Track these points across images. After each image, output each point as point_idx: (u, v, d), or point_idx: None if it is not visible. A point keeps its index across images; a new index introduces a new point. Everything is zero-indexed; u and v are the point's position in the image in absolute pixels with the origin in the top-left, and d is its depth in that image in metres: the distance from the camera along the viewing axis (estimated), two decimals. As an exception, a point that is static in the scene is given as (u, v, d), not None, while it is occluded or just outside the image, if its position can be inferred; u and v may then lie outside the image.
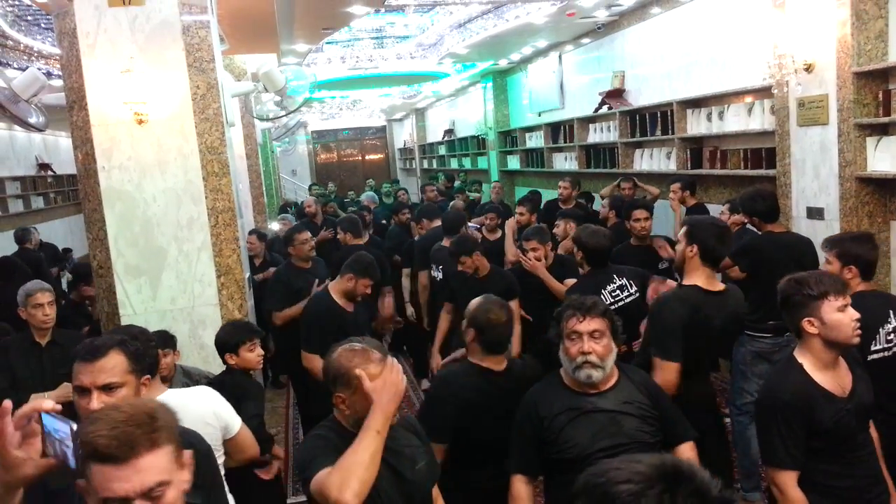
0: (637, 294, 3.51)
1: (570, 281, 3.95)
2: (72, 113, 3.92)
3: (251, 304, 4.17)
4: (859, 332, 2.13)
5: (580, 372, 2.17)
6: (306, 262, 4.55)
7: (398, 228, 6.88)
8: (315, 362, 3.38)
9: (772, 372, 2.57)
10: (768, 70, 4.67)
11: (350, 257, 3.68)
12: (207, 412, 2.43)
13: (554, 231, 5.08)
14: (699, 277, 2.71)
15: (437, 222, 5.75)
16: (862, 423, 2.17)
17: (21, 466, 1.21)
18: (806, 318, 2.13)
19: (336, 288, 3.64)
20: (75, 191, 10.99)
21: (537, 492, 2.42)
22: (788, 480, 2.09)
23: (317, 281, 4.22)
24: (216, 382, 2.95)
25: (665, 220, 6.05)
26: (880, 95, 4.17)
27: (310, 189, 13.55)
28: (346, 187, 16.08)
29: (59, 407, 1.24)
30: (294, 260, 4.55)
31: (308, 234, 4.62)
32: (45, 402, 1.23)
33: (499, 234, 5.73)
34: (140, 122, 3.53)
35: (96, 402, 1.72)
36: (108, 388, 1.76)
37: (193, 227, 3.70)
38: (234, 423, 2.50)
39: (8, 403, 1.21)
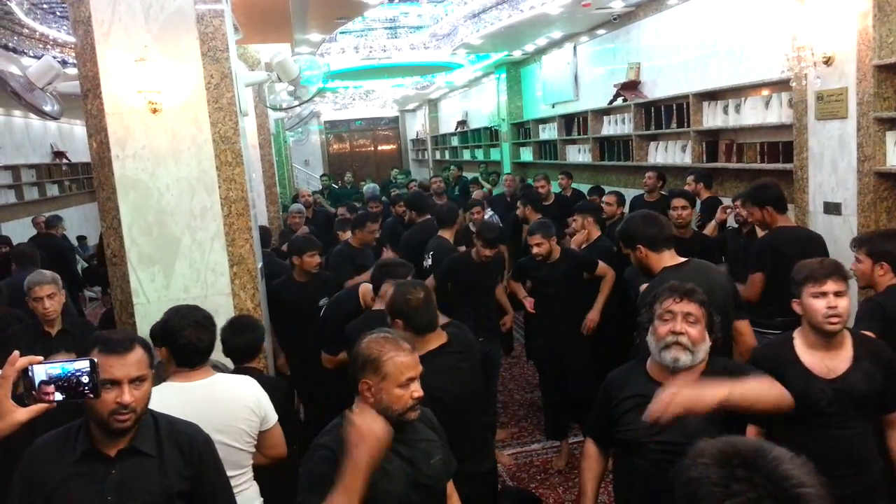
0: None
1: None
2: (86, 101, 3.93)
3: (263, 294, 4.18)
4: (835, 320, 2.27)
5: (667, 353, 2.12)
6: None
7: (393, 220, 6.86)
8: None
9: (768, 341, 2.72)
10: (787, 62, 4.61)
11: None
12: (252, 399, 2.47)
13: (572, 224, 5.09)
14: (664, 261, 2.89)
15: (427, 215, 5.75)
16: (845, 406, 2.26)
17: (12, 413, 1.43)
18: (794, 300, 2.38)
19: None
20: (90, 179, 11.06)
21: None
22: (749, 432, 2.31)
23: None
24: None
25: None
26: (901, 89, 4.10)
27: (321, 179, 13.62)
28: (359, 178, 16.10)
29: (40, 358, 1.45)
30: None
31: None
32: (36, 357, 1.44)
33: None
34: (154, 111, 3.53)
35: (128, 395, 1.76)
36: (137, 381, 1.79)
37: (207, 216, 3.70)
38: (273, 415, 2.53)
39: (16, 354, 1.42)
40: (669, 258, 2.92)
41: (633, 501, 2.22)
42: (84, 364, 1.47)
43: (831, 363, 2.30)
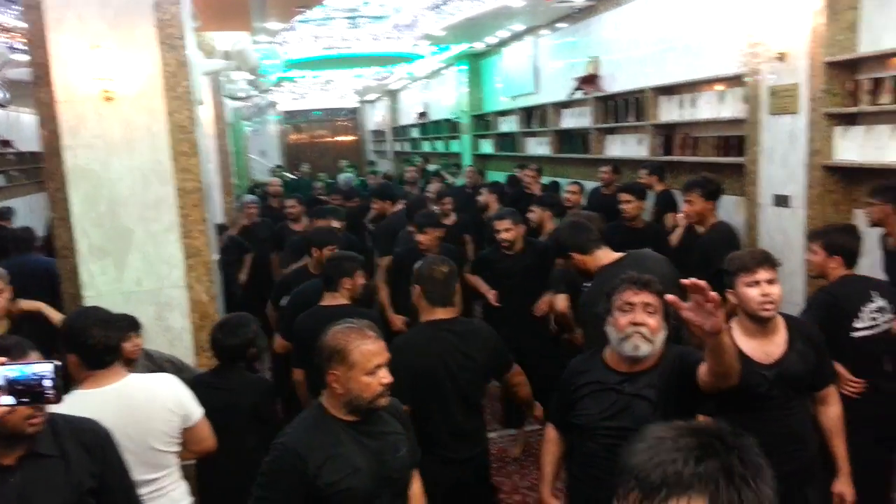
0: None
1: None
2: (37, 89, 3.80)
3: (219, 286, 4.12)
4: (768, 306, 2.37)
5: (626, 343, 2.16)
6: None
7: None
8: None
9: None
10: (741, 58, 4.72)
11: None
12: (171, 399, 2.39)
13: (528, 216, 5.10)
14: (599, 260, 3.01)
15: (399, 205, 5.73)
16: (783, 388, 2.39)
17: None
18: (728, 290, 2.47)
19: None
20: (38, 168, 10.70)
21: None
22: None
23: None
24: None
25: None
26: (850, 85, 4.23)
27: (273, 171, 13.46)
28: (318, 169, 15.94)
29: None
30: None
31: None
32: None
33: (453, 217, 5.75)
34: (108, 99, 3.43)
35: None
36: None
37: (161, 207, 3.62)
38: (195, 412, 2.45)
39: None
40: (604, 256, 3.03)
41: (585, 483, 2.29)
42: (47, 367, 1.43)
43: (768, 348, 2.41)
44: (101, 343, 2.29)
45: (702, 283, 1.72)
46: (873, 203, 3.64)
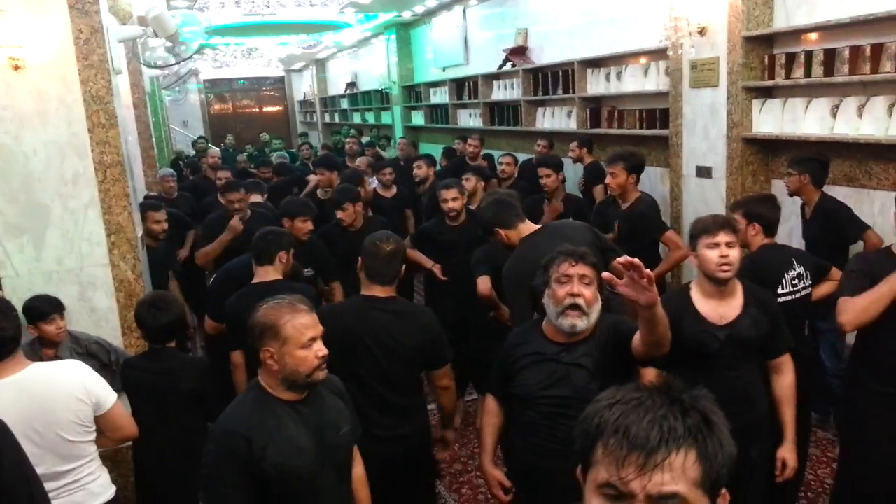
0: None
1: None
2: (-67, 55, 3.53)
3: (145, 264, 3.98)
4: (726, 268, 2.47)
5: (564, 320, 2.21)
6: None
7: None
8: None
9: (667, 292, 2.86)
10: (664, 32, 4.84)
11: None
12: (76, 386, 2.27)
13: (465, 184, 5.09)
14: (521, 232, 3.10)
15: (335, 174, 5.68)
16: (733, 350, 2.50)
17: None
18: (691, 252, 2.61)
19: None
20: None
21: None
22: (646, 374, 2.48)
23: None
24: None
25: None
26: (766, 60, 4.41)
27: (194, 143, 12.96)
28: (244, 140, 15.47)
29: None
30: None
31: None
32: None
33: (394, 190, 5.72)
34: (16, 68, 3.22)
35: None
36: None
37: (79, 182, 3.45)
38: (108, 398, 2.34)
39: None
40: (526, 228, 3.13)
41: (526, 451, 2.34)
42: None
43: (723, 311, 2.52)
44: (7, 335, 2.16)
45: (636, 260, 1.78)
46: (791, 173, 3.83)
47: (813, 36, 4.22)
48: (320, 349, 1.93)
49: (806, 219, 3.97)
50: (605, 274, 1.85)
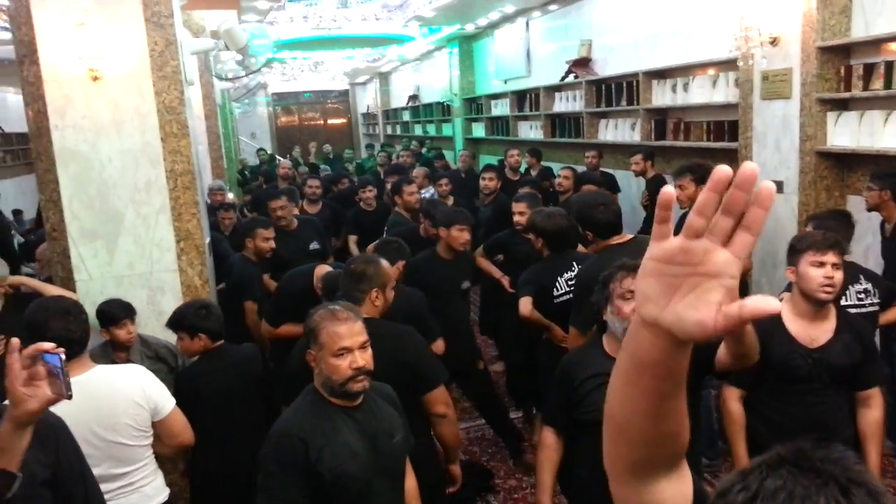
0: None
1: None
2: (22, 68, 3.73)
3: (211, 270, 4.09)
4: (829, 289, 2.33)
5: None
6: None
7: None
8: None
9: None
10: (734, 42, 4.71)
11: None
12: (135, 390, 2.32)
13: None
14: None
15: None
16: (821, 375, 2.38)
17: (27, 402, 1.40)
18: (789, 267, 2.45)
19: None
20: (25, 150, 10.56)
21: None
22: (730, 394, 2.50)
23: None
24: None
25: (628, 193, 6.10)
26: (842, 71, 4.23)
27: (258, 153, 13.38)
28: (308, 152, 15.82)
29: (61, 350, 1.42)
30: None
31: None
32: (46, 343, 1.41)
33: (450, 201, 5.73)
34: (95, 78, 3.38)
35: None
36: None
37: (151, 189, 3.58)
38: (166, 404, 2.38)
39: (16, 340, 1.40)
40: (615, 238, 3.05)
41: (599, 485, 2.19)
42: (54, 357, 1.40)
43: (814, 333, 2.40)
44: (60, 336, 2.18)
45: None
46: (872, 188, 3.69)
47: (894, 46, 4.02)
48: (355, 361, 1.90)
49: (885, 236, 3.79)
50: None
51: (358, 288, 2.58)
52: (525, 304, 3.41)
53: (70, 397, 1.42)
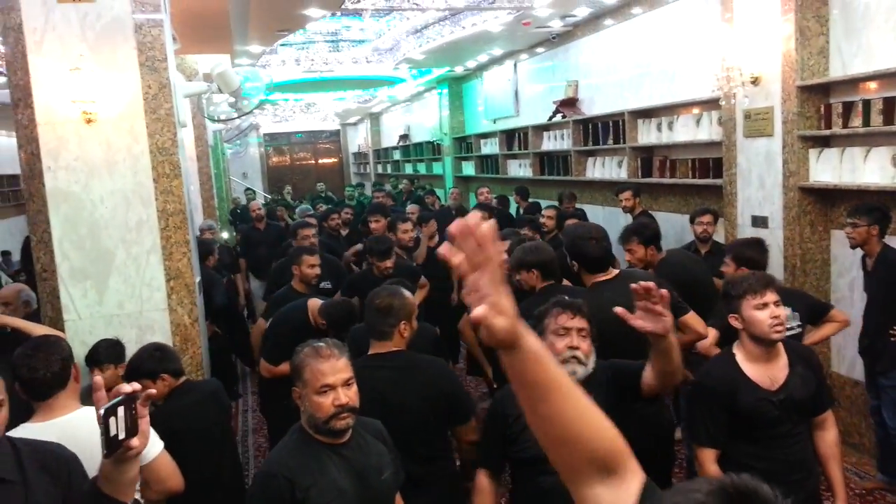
0: None
1: None
2: (16, 111, 3.79)
3: (201, 308, 4.09)
4: (779, 328, 2.32)
5: (565, 367, 2.14)
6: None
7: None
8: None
9: (710, 360, 2.73)
10: (716, 82, 4.82)
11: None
12: None
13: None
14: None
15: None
16: (790, 414, 2.35)
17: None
18: (732, 315, 2.41)
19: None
20: (16, 191, 10.57)
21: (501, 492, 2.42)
22: (707, 457, 2.36)
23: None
24: None
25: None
26: (822, 109, 4.34)
27: (245, 193, 13.44)
28: (300, 191, 15.92)
29: (139, 387, 1.41)
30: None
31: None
32: (125, 386, 1.39)
33: (436, 240, 5.77)
34: (88, 121, 3.42)
35: None
36: None
37: (143, 229, 3.60)
38: (153, 447, 2.27)
39: (99, 379, 1.41)
40: (600, 275, 3.01)
41: None
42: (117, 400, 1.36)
43: (772, 373, 2.37)
44: (25, 377, 2.16)
45: (651, 284, 1.73)
46: (858, 224, 3.68)
47: (872, 85, 4.14)
48: (338, 398, 1.89)
49: (867, 271, 3.83)
50: (617, 309, 1.77)
51: (387, 322, 2.58)
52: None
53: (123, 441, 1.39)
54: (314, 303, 3.63)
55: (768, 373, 2.36)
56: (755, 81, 4.60)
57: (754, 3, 4.59)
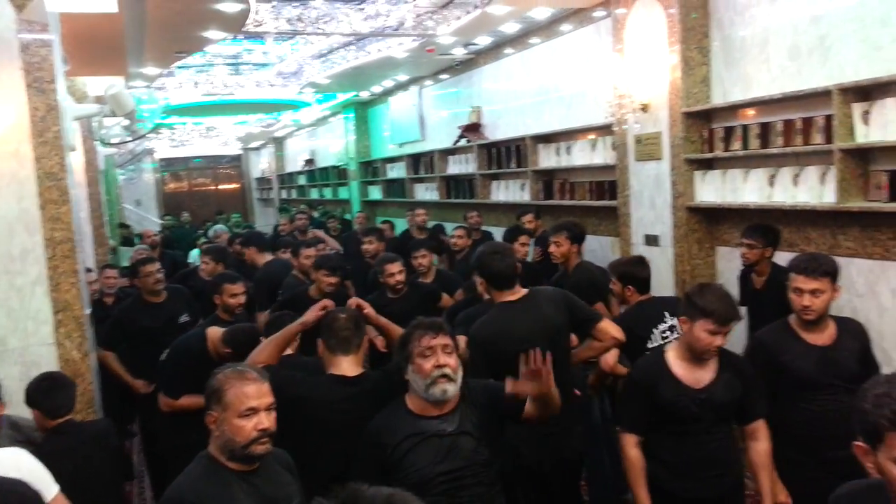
0: None
1: None
2: None
3: (92, 342, 3.87)
4: (712, 350, 2.48)
5: (435, 388, 2.18)
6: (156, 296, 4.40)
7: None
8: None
9: (644, 355, 2.86)
10: (609, 109, 5.09)
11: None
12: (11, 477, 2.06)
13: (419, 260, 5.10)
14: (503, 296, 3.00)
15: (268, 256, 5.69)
16: (708, 413, 2.51)
17: None
18: (682, 318, 2.56)
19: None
20: None
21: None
22: (628, 441, 2.57)
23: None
24: None
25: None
26: (705, 134, 4.65)
27: (162, 219, 12.92)
28: (199, 218, 15.39)
29: None
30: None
31: (156, 265, 4.50)
32: None
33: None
34: (-33, 144, 3.20)
35: None
36: None
37: (28, 259, 3.38)
38: (48, 489, 2.16)
39: None
40: (508, 294, 2.98)
41: None
42: None
43: (698, 375, 2.53)
44: None
45: (538, 357, 2.01)
46: (754, 245, 3.83)
47: (750, 111, 4.48)
48: (261, 422, 1.86)
49: (755, 289, 3.94)
50: (508, 385, 2.08)
51: (358, 335, 2.58)
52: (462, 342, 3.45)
53: None
54: (214, 332, 3.49)
55: (695, 374, 2.53)
56: (644, 108, 4.88)
57: (643, 35, 4.88)
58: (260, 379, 1.93)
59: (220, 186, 20.66)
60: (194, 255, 7.89)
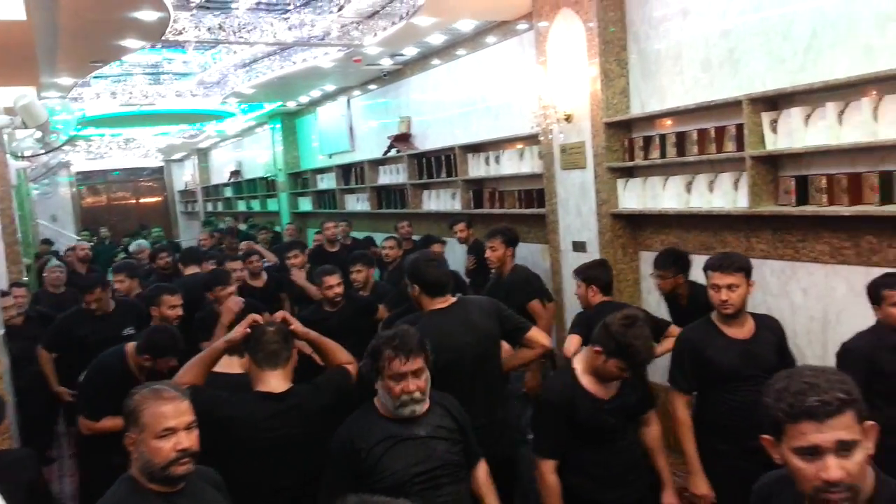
0: None
1: None
2: None
3: (6, 363, 3.67)
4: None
5: (404, 409, 2.22)
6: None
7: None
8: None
9: (552, 375, 2.93)
10: (535, 119, 5.20)
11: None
12: None
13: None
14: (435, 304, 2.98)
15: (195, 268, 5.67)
16: (622, 420, 2.61)
17: None
18: (597, 346, 2.56)
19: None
20: None
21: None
22: (546, 467, 2.55)
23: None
24: None
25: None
26: (626, 143, 4.82)
27: (79, 235, 12.36)
28: (119, 233, 14.81)
29: None
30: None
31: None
32: None
33: (264, 277, 5.82)
34: None
35: None
36: None
37: (-67, 279, 3.20)
38: None
39: None
40: (438, 302, 2.99)
41: None
42: None
43: (608, 385, 2.61)
44: None
45: None
46: (665, 275, 3.87)
47: (667, 121, 4.67)
48: (179, 442, 1.81)
49: (682, 307, 3.95)
50: None
51: (287, 349, 2.51)
52: None
53: None
54: (132, 347, 3.38)
55: (604, 386, 2.60)
56: (568, 119, 5.02)
57: (564, 48, 5.03)
58: (179, 397, 1.87)
59: (142, 200, 19.95)
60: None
